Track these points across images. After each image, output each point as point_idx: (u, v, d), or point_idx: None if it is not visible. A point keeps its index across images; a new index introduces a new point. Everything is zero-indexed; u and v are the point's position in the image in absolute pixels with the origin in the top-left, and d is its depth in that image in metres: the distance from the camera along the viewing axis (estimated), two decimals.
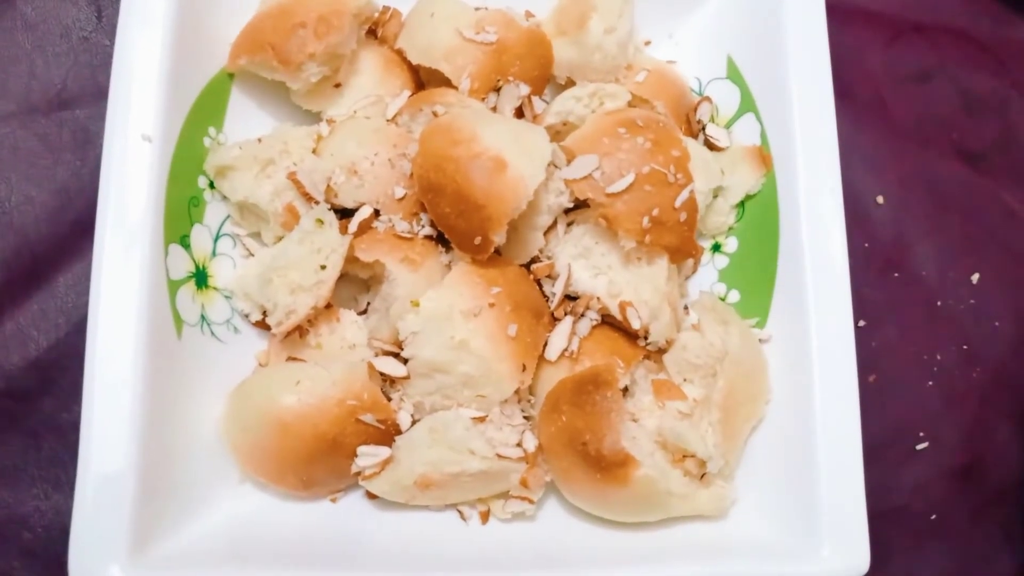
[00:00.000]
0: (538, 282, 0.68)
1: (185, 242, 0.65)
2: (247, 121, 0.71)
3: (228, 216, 0.70)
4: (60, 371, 0.71)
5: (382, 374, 0.64)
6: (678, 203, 0.65)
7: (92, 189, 0.62)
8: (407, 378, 0.64)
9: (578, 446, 0.62)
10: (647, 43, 0.79)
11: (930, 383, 0.79)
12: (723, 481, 0.65)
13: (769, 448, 0.67)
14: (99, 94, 0.75)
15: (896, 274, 0.81)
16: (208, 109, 0.68)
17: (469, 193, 0.62)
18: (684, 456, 0.64)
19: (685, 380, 0.67)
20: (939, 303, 0.80)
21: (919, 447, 0.78)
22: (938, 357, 0.79)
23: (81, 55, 0.77)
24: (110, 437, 0.58)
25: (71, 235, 0.73)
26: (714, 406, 0.64)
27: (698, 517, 0.65)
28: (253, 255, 0.70)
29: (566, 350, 0.66)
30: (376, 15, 0.74)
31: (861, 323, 0.78)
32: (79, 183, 0.74)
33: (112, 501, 0.57)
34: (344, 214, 0.67)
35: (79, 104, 0.76)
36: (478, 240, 0.63)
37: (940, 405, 0.79)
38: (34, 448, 0.70)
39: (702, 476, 0.65)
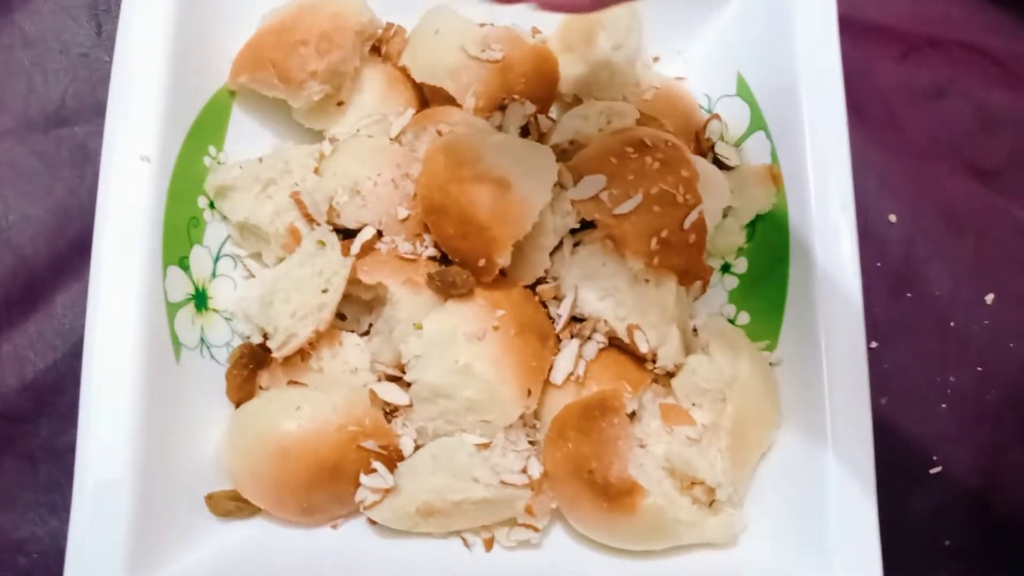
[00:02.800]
0: (543, 304, 0.67)
1: (184, 264, 0.64)
2: (248, 140, 0.70)
3: (228, 236, 0.69)
4: (57, 394, 0.70)
5: (384, 400, 0.63)
6: (687, 224, 0.64)
7: (90, 207, 0.61)
8: (410, 405, 0.63)
9: (584, 473, 0.61)
10: (656, 59, 0.77)
11: (943, 405, 0.77)
12: (732, 508, 0.64)
13: (779, 473, 0.65)
14: (98, 111, 0.74)
15: (909, 294, 0.79)
16: (208, 127, 0.67)
17: (473, 214, 0.61)
18: (693, 483, 0.63)
19: (694, 405, 0.65)
20: (952, 324, 0.79)
21: (932, 471, 0.76)
22: (952, 379, 0.78)
23: (80, 71, 0.76)
24: (106, 462, 0.57)
25: (69, 254, 0.72)
26: (723, 432, 0.63)
27: (707, 544, 0.63)
28: (254, 276, 0.69)
29: (572, 374, 0.65)
30: (380, 32, 0.73)
31: (873, 344, 0.77)
32: (77, 201, 0.73)
33: (108, 526, 0.56)
34: (346, 235, 0.66)
35: (78, 121, 0.75)
36: (482, 262, 0.62)
37: (954, 428, 0.77)
38: (31, 472, 0.69)
39: (711, 503, 0.63)
